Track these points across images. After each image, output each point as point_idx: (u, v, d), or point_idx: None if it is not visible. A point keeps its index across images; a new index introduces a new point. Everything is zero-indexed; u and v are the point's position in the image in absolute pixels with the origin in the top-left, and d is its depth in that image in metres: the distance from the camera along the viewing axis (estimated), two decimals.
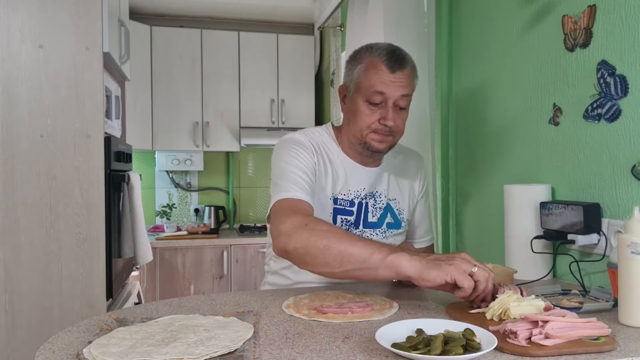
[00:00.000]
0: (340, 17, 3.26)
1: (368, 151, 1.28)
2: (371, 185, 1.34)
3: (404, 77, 1.23)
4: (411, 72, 1.25)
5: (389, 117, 1.22)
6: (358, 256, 1.01)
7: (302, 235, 1.07)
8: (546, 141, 1.43)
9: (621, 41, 1.17)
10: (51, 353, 0.79)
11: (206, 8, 3.58)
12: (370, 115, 1.24)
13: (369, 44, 1.29)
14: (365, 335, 0.85)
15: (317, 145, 1.30)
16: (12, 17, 1.77)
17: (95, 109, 1.85)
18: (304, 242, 1.06)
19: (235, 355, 0.76)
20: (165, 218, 3.74)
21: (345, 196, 1.30)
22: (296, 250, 1.07)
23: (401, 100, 1.23)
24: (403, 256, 0.98)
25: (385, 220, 1.34)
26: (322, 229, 1.07)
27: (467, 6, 1.85)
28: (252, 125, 3.56)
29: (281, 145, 1.28)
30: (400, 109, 1.25)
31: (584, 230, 1.20)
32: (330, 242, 1.04)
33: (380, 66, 1.22)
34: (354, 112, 1.26)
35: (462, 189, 1.92)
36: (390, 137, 1.26)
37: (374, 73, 1.22)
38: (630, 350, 0.78)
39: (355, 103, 1.26)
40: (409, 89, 1.25)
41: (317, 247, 1.04)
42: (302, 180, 1.21)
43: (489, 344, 0.75)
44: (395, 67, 1.22)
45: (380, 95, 1.22)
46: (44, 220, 1.80)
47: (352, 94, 1.28)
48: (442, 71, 1.95)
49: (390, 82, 1.21)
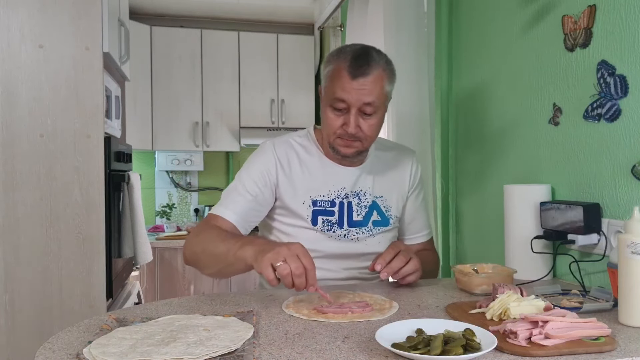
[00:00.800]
0: (340, 17, 3.26)
1: (338, 154, 1.30)
2: (353, 184, 1.34)
3: (367, 83, 1.20)
4: (379, 77, 1.21)
5: (351, 124, 1.22)
6: (220, 255, 1.13)
7: (191, 243, 1.23)
8: (546, 141, 1.43)
9: (621, 41, 1.17)
10: (51, 353, 0.79)
11: (206, 8, 3.58)
12: (335, 120, 1.25)
13: (340, 47, 1.29)
14: (365, 335, 0.85)
15: (286, 152, 1.33)
16: (12, 17, 1.77)
17: (95, 109, 1.85)
18: (192, 249, 1.23)
19: (235, 355, 0.76)
20: (165, 218, 3.74)
21: (325, 197, 1.32)
22: (189, 258, 1.24)
23: (365, 108, 1.21)
24: (246, 249, 1.07)
25: (371, 219, 1.35)
26: (204, 236, 1.20)
27: (467, 6, 1.85)
28: (252, 125, 3.56)
29: (251, 155, 1.36)
30: (366, 115, 1.23)
31: (584, 230, 1.20)
32: (205, 245, 1.18)
33: (343, 72, 1.20)
34: (323, 115, 1.29)
35: (462, 189, 1.92)
36: (357, 143, 1.26)
37: (337, 79, 1.22)
38: (630, 350, 0.78)
39: (323, 107, 1.29)
40: (373, 97, 1.20)
41: (198, 253, 1.20)
42: (240, 196, 1.28)
43: (489, 344, 0.75)
44: (357, 74, 1.19)
45: (342, 102, 1.21)
46: (44, 220, 1.80)
47: (322, 98, 1.30)
48: (442, 71, 1.95)
49: (351, 89, 1.19)
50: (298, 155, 1.34)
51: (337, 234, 1.31)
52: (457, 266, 1.24)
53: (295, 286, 1.00)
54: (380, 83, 1.22)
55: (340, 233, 1.32)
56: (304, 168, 1.33)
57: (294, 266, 0.99)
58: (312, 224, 1.30)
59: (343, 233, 1.32)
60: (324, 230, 1.31)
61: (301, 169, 1.33)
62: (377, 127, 1.27)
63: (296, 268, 0.99)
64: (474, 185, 1.84)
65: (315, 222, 1.30)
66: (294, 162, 1.33)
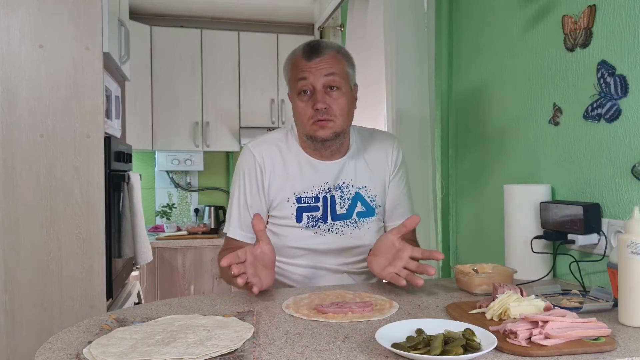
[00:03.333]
0: (340, 17, 3.26)
1: (317, 143, 1.30)
2: (335, 177, 1.35)
3: (323, 61, 1.26)
4: (334, 55, 1.28)
5: (319, 100, 1.25)
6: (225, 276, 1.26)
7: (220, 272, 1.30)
8: (546, 141, 1.43)
9: (621, 41, 1.17)
10: (51, 353, 0.79)
11: (206, 8, 3.58)
12: (305, 107, 1.28)
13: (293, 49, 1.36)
14: (365, 335, 0.86)
15: (267, 154, 1.35)
16: (12, 17, 1.77)
17: (95, 109, 1.85)
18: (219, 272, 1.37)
19: (235, 355, 0.76)
20: (165, 218, 3.74)
21: (309, 193, 1.33)
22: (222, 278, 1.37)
23: (328, 81, 1.26)
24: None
25: (355, 210, 1.35)
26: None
27: (467, 6, 1.85)
28: (252, 125, 3.56)
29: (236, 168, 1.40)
30: (332, 90, 1.27)
31: (584, 230, 1.20)
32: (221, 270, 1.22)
33: (299, 59, 1.28)
34: (294, 110, 1.32)
35: (462, 189, 1.92)
36: (331, 122, 1.27)
37: (295, 67, 1.29)
38: (630, 350, 0.78)
39: (292, 101, 1.33)
40: (333, 69, 1.27)
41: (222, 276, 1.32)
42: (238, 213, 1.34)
43: (489, 344, 0.75)
44: (312, 55, 1.27)
45: (303, 80, 1.26)
46: (44, 220, 1.80)
47: (290, 96, 1.35)
48: (442, 71, 1.95)
49: (309, 67, 1.26)
50: (281, 153, 1.35)
51: (322, 229, 1.33)
52: (457, 266, 1.24)
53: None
54: (338, 62, 1.28)
55: (324, 228, 1.33)
56: (287, 165, 1.34)
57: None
58: (297, 221, 1.32)
59: (327, 227, 1.33)
60: (309, 226, 1.32)
61: (284, 167, 1.34)
62: (346, 105, 1.29)
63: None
64: (474, 185, 1.84)
65: (299, 219, 1.32)
66: (277, 160, 1.34)
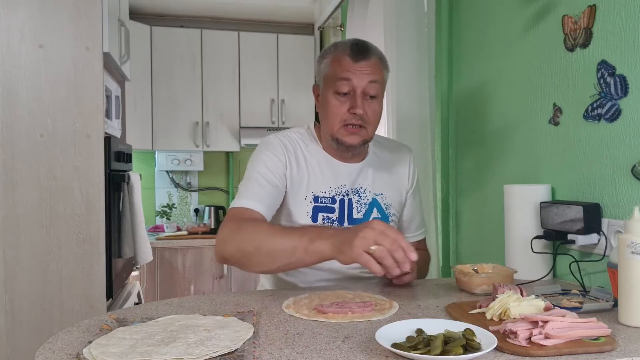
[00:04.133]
0: (340, 17, 3.26)
1: (342, 146, 1.28)
2: (353, 181, 1.34)
3: (369, 65, 1.24)
4: (378, 62, 1.27)
5: (358, 105, 1.23)
6: (284, 251, 1.07)
7: (235, 240, 1.12)
8: (546, 141, 1.43)
9: (621, 41, 1.17)
10: (51, 353, 0.79)
11: (206, 8, 3.58)
12: (340, 107, 1.25)
13: (334, 42, 1.33)
14: (365, 335, 0.85)
15: (291, 147, 1.31)
16: (12, 17, 1.77)
17: (95, 109, 1.85)
18: (236, 246, 1.12)
19: (235, 355, 0.76)
20: (165, 218, 3.74)
21: (326, 194, 1.31)
22: (232, 256, 1.14)
23: (370, 88, 1.24)
24: (319, 243, 1.03)
25: (371, 216, 1.34)
26: (250, 231, 1.12)
27: (467, 6, 1.85)
28: (252, 125, 3.56)
29: (256, 150, 1.32)
30: (370, 98, 1.25)
31: (584, 230, 1.20)
32: (259, 242, 1.09)
33: (344, 57, 1.25)
34: (325, 106, 1.28)
35: (462, 189, 1.92)
36: (363, 130, 1.26)
37: (338, 64, 1.25)
38: (630, 350, 0.78)
39: (325, 97, 1.28)
40: (377, 76, 1.25)
41: (249, 251, 1.10)
42: (260, 188, 1.24)
43: (489, 344, 0.75)
44: (358, 57, 1.24)
45: (346, 82, 1.23)
46: (44, 220, 1.80)
47: (322, 90, 1.30)
48: (442, 71, 1.95)
49: (355, 69, 1.23)
50: (301, 150, 1.33)
51: None
52: (457, 266, 1.24)
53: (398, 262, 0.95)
54: (380, 68, 1.27)
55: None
56: (307, 163, 1.32)
57: (387, 243, 0.94)
58: (312, 221, 1.29)
59: None
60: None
61: (305, 164, 1.31)
62: (379, 113, 1.29)
63: (391, 243, 0.94)
64: (474, 185, 1.84)
65: (315, 218, 1.29)
66: (300, 155, 1.32)
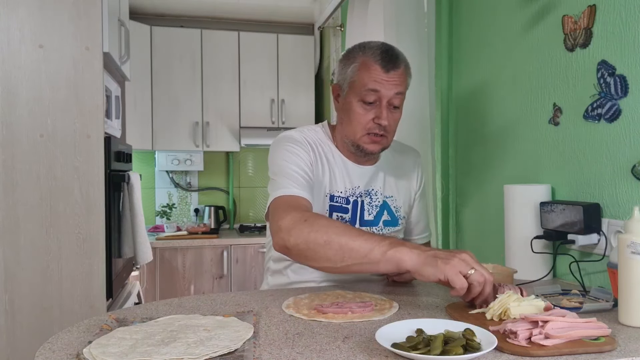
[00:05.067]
0: (340, 17, 3.26)
1: (361, 152, 1.29)
2: (367, 183, 1.34)
3: (397, 76, 1.23)
4: (405, 70, 1.26)
5: (383, 116, 1.23)
6: (359, 251, 1.01)
7: (302, 231, 1.07)
8: (546, 141, 1.43)
9: (621, 41, 1.17)
10: (51, 353, 0.79)
11: (206, 8, 3.58)
12: (364, 115, 1.24)
13: (362, 43, 1.30)
14: (365, 335, 0.85)
15: (313, 142, 1.30)
16: (12, 17, 1.77)
17: (95, 109, 1.85)
18: (304, 237, 1.06)
19: (235, 355, 0.76)
20: (165, 218, 3.74)
21: (342, 194, 1.31)
22: (297, 246, 1.07)
23: (395, 99, 1.24)
24: (403, 250, 0.99)
25: (381, 218, 1.35)
26: (322, 224, 1.07)
27: (467, 6, 1.85)
28: (252, 125, 3.56)
29: (277, 143, 1.29)
30: (394, 108, 1.25)
31: (584, 230, 1.20)
32: (331, 237, 1.04)
33: (374, 65, 1.22)
34: (348, 111, 1.27)
35: (462, 189, 1.92)
36: (384, 139, 1.27)
37: (367, 72, 1.23)
38: (630, 350, 0.78)
39: (349, 102, 1.26)
40: (403, 87, 1.25)
41: (318, 243, 1.05)
42: (299, 176, 1.21)
43: (489, 344, 0.75)
44: (389, 67, 1.22)
45: (374, 93, 1.22)
46: (44, 220, 1.80)
47: (346, 94, 1.28)
48: (442, 71, 1.95)
49: (384, 80, 1.22)
50: (322, 148, 1.32)
51: None
52: None
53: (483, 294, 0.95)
54: (406, 76, 1.27)
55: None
56: (328, 162, 1.31)
57: (482, 272, 0.94)
58: None
59: None
60: None
61: (327, 162, 1.31)
62: (398, 121, 1.30)
63: (485, 274, 0.94)
64: (474, 185, 1.84)
65: (330, 217, 1.28)
66: (321, 154, 1.31)
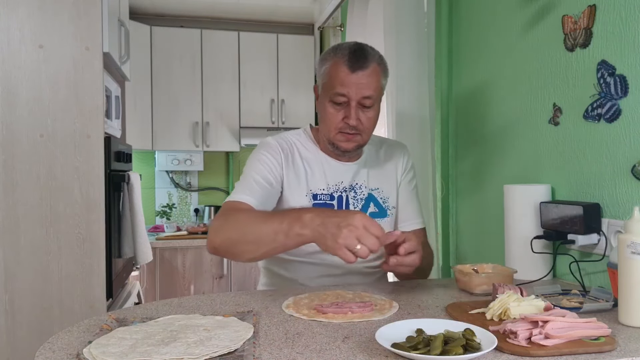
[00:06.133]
0: (340, 17, 3.26)
1: (338, 150, 1.32)
2: (351, 178, 1.37)
3: (366, 76, 1.24)
4: (376, 69, 1.26)
5: (352, 117, 1.25)
6: (267, 237, 1.08)
7: (224, 230, 1.15)
8: (546, 141, 1.43)
9: (621, 41, 1.17)
10: (51, 353, 0.79)
11: (206, 8, 3.58)
12: (335, 115, 1.27)
13: (337, 44, 1.33)
14: (365, 335, 0.85)
15: (287, 147, 1.35)
16: (12, 17, 1.77)
17: (95, 109, 1.85)
18: (225, 236, 1.14)
19: (235, 355, 0.76)
20: (165, 218, 3.74)
21: (324, 191, 1.35)
22: (221, 245, 1.15)
23: (364, 101, 1.25)
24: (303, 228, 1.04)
25: (367, 211, 1.37)
26: (238, 219, 1.15)
27: (467, 6, 1.85)
28: (252, 125, 3.56)
29: (254, 151, 1.36)
30: (365, 107, 1.27)
31: (584, 230, 1.20)
32: (244, 229, 1.12)
33: (342, 67, 1.25)
34: (322, 112, 1.31)
35: (462, 189, 1.92)
36: (358, 137, 1.29)
37: (335, 74, 1.25)
38: (630, 350, 0.78)
39: (322, 103, 1.31)
40: (372, 90, 1.25)
41: (235, 239, 1.13)
42: (255, 183, 1.27)
43: (489, 344, 0.75)
44: (356, 67, 1.23)
45: (342, 96, 1.25)
46: (44, 220, 1.80)
47: (320, 94, 1.33)
48: (442, 71, 1.95)
49: (351, 82, 1.23)
50: (298, 150, 1.37)
51: None
52: (457, 266, 1.24)
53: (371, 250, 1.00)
54: (377, 76, 1.27)
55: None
56: (304, 163, 1.35)
57: (370, 244, 0.98)
58: None
59: None
60: None
61: (302, 163, 1.35)
62: (374, 120, 1.31)
63: (372, 245, 0.98)
64: (474, 185, 1.84)
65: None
66: (296, 156, 1.36)
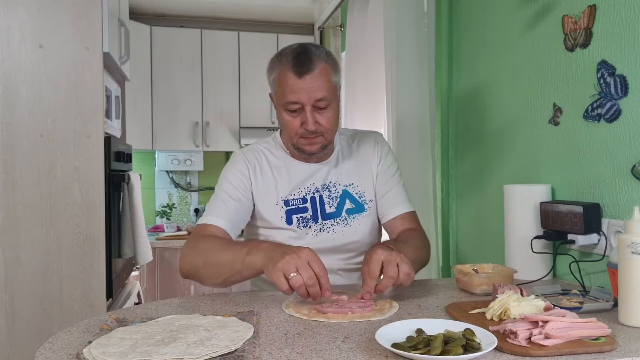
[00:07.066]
0: (340, 17, 3.26)
1: (303, 153, 1.32)
2: (323, 178, 1.37)
3: (314, 79, 1.21)
4: (323, 70, 1.23)
5: (309, 122, 1.24)
6: (226, 265, 1.13)
7: (190, 257, 1.20)
8: (546, 141, 1.43)
9: (621, 41, 1.17)
10: (51, 353, 0.79)
11: (206, 8, 3.58)
12: (293, 122, 1.26)
13: (280, 50, 1.29)
14: (365, 335, 0.86)
15: (254, 158, 1.36)
16: (12, 17, 1.77)
17: (95, 109, 1.85)
18: (191, 262, 1.20)
19: (235, 355, 0.76)
20: (165, 218, 3.74)
21: (296, 195, 1.34)
22: (189, 271, 1.21)
23: (318, 103, 1.24)
24: (255, 256, 1.08)
25: (344, 208, 1.36)
26: (203, 247, 1.19)
27: (467, 6, 1.85)
28: (252, 125, 3.56)
29: (225, 166, 1.38)
30: (321, 109, 1.25)
31: (584, 230, 1.20)
32: (207, 257, 1.16)
33: (288, 74, 1.22)
34: (280, 120, 1.31)
35: (462, 189, 1.92)
36: (320, 138, 1.28)
37: (284, 82, 1.23)
38: (630, 350, 0.78)
39: (278, 112, 1.30)
40: (323, 91, 1.22)
41: (199, 266, 1.18)
42: (223, 204, 1.29)
43: (489, 344, 0.75)
44: (302, 72, 1.20)
45: (294, 103, 1.23)
46: (44, 220, 1.80)
47: (275, 103, 1.31)
48: (442, 71, 1.95)
49: (300, 88, 1.21)
50: (267, 159, 1.37)
51: (314, 228, 1.33)
52: (457, 266, 1.24)
53: (310, 295, 1.00)
54: (327, 76, 1.24)
55: (316, 228, 1.33)
56: (273, 171, 1.36)
57: (306, 276, 0.98)
58: (287, 224, 1.32)
59: (319, 227, 1.33)
60: (300, 227, 1.32)
61: (271, 172, 1.35)
62: (334, 118, 1.29)
63: (309, 278, 0.98)
64: (474, 185, 1.84)
65: (290, 221, 1.32)
66: (264, 166, 1.36)
